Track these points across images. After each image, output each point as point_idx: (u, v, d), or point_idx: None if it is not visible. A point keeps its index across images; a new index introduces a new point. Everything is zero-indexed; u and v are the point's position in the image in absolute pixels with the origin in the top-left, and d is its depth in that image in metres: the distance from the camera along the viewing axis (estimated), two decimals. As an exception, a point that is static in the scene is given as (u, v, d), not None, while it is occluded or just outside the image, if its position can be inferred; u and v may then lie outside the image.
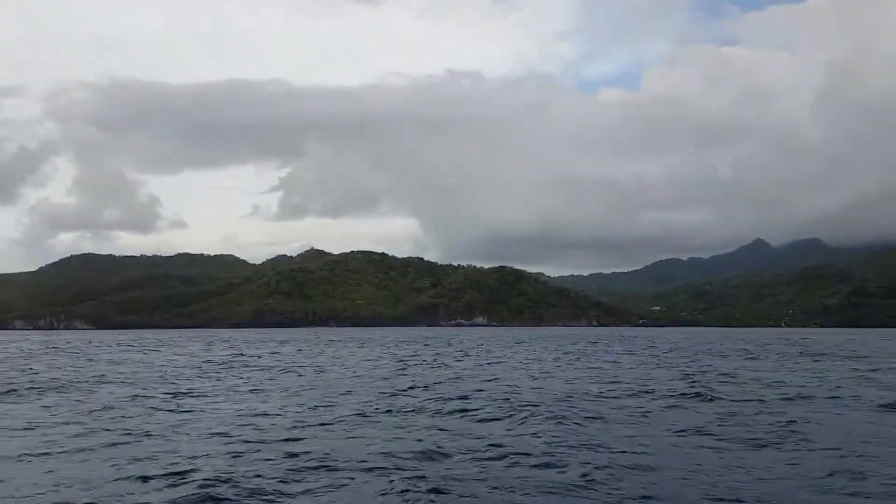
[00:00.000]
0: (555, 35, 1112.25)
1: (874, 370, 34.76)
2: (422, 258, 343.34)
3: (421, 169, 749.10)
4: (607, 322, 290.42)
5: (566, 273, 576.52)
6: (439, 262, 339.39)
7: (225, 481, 10.64)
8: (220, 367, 38.18)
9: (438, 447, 13.48)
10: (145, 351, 58.81)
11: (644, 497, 10.16)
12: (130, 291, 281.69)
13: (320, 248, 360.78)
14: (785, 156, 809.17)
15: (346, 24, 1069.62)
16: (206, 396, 22.65)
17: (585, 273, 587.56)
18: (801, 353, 54.43)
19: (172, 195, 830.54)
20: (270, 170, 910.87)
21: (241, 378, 30.23)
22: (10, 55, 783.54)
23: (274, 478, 11.11)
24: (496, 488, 10.51)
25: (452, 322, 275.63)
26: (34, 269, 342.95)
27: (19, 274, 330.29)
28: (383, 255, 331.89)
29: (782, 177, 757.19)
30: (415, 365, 38.65)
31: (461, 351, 56.96)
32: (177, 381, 28.39)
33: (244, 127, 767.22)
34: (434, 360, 42.72)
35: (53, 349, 64.01)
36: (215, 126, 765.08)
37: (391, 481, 10.75)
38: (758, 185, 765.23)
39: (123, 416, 18.12)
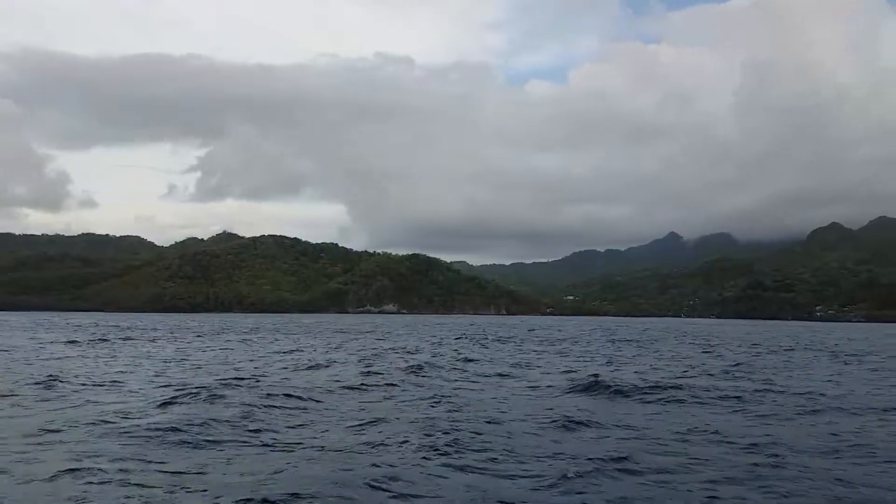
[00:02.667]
0: (487, 25, 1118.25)
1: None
2: (336, 244, 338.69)
3: (347, 154, 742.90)
4: (516, 311, 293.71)
5: (488, 262, 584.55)
6: (359, 249, 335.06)
7: None
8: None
9: None
10: None
11: None
12: (23, 271, 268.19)
13: (238, 233, 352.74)
14: (703, 153, 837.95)
15: (274, 2, 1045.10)
16: None
17: (507, 262, 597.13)
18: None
19: (83, 172, 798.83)
20: (189, 149, 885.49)
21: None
22: None
23: None
24: None
25: (361, 309, 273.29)
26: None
27: None
28: (296, 240, 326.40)
29: (700, 174, 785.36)
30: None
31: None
32: None
33: (161, 103, 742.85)
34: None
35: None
36: (131, 101, 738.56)
37: None
38: (676, 181, 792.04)
39: None
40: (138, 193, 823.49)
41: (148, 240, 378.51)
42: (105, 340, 46.90)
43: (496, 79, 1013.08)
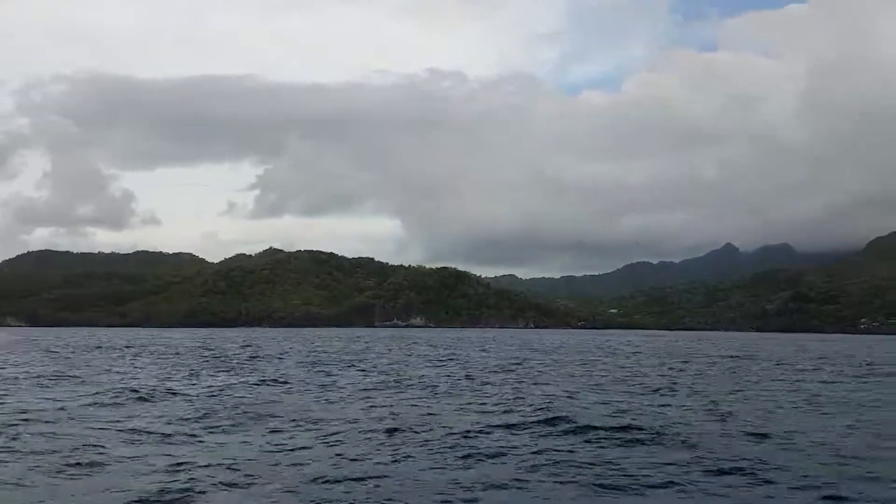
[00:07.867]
0: (538, 36, 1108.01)
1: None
2: (372, 258, 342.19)
3: (401, 169, 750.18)
4: (545, 324, 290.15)
5: (538, 275, 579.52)
6: (398, 264, 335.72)
7: None
8: None
9: None
10: None
11: None
12: (69, 289, 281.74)
13: (292, 249, 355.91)
14: (763, 162, 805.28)
15: (326, 21, 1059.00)
16: None
17: (557, 276, 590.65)
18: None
19: (147, 192, 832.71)
20: (248, 167, 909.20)
21: None
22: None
23: None
24: None
25: (388, 323, 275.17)
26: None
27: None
28: (331, 254, 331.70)
29: (759, 183, 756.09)
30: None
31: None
32: None
33: (219, 123, 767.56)
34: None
35: None
36: (190, 122, 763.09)
37: None
38: (734, 190, 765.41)
39: None
40: (201, 211, 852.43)
41: (200, 256, 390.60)
42: None
43: (548, 89, 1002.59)
